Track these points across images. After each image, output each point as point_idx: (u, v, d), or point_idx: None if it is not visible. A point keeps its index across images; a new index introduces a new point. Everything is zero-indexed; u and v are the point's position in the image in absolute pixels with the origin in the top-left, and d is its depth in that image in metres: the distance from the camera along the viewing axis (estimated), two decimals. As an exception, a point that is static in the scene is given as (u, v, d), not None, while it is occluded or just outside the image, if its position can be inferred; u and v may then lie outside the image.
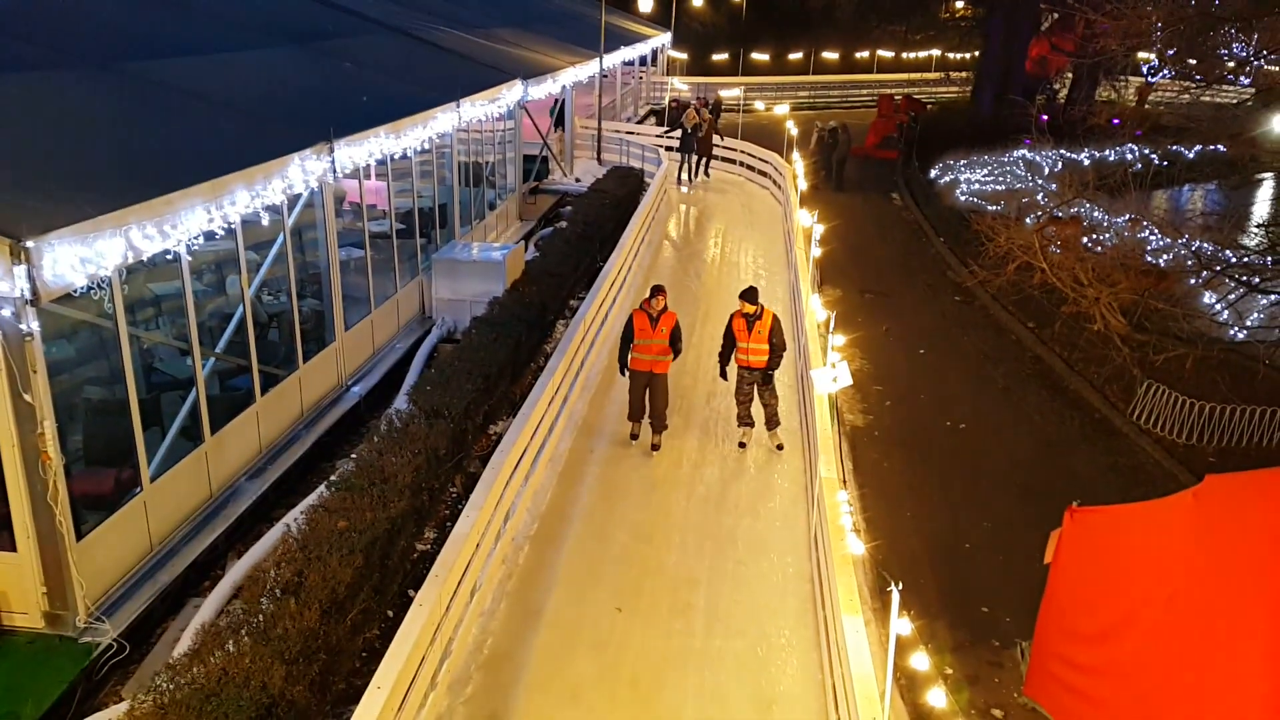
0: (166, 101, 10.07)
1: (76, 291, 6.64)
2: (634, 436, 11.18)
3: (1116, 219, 20.08)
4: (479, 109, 15.49)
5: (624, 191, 20.41)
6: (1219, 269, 16.08)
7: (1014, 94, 31.75)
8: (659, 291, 10.73)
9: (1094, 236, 19.15)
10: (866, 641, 6.47)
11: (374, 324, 12.49)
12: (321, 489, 8.16)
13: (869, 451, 12.94)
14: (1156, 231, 18.61)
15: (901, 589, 5.88)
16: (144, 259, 7.33)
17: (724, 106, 34.56)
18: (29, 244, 6.06)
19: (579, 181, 22.75)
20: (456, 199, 15.83)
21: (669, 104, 35.73)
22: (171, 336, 9.85)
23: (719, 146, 26.30)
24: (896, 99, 38.63)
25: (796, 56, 57.24)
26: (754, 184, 25.99)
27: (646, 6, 45.39)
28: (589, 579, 8.65)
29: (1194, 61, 22.94)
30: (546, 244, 16.39)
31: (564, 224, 17.71)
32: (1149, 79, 32.86)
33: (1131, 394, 14.39)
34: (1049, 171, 27.98)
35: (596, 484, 10.31)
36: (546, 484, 10.13)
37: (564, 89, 23.25)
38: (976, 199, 26.69)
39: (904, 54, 61.29)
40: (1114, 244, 18.24)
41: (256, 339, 9.57)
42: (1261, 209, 27.52)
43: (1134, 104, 31.88)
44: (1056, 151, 28.26)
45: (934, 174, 30.84)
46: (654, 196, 20.57)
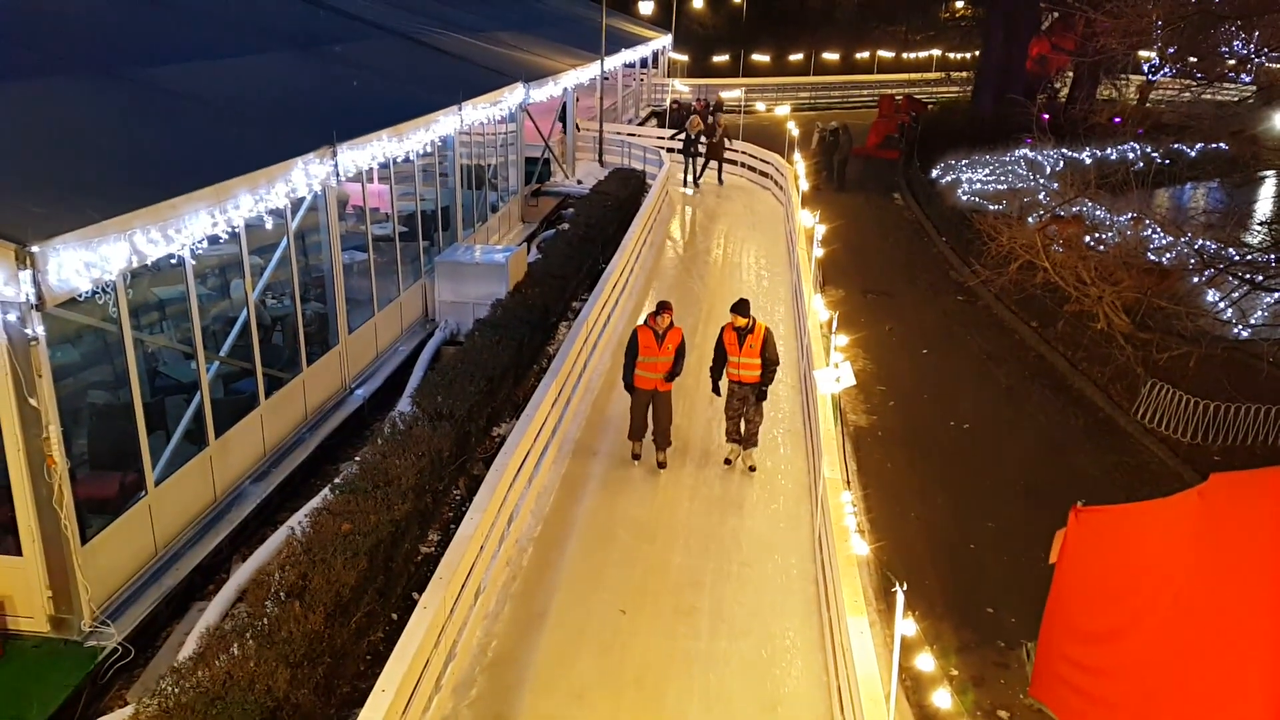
0: (169, 106, 10.09)
1: (81, 296, 6.67)
2: (636, 457, 10.76)
3: (1119, 217, 20.06)
4: (481, 112, 15.51)
5: (626, 193, 20.43)
6: (1222, 267, 16.07)
7: (1015, 93, 31.66)
8: (665, 308, 10.28)
9: (1096, 235, 19.11)
10: (871, 643, 6.47)
11: (377, 327, 12.50)
12: (325, 492, 8.19)
13: (873, 452, 12.92)
14: (1159, 230, 18.60)
15: (906, 590, 5.88)
16: (148, 263, 7.35)
17: (725, 108, 34.58)
18: (34, 249, 6.08)
19: (581, 183, 22.76)
20: (459, 201, 15.85)
21: (670, 106, 35.78)
22: (176, 340, 9.88)
23: (728, 150, 26.24)
24: (897, 99, 38.62)
25: (797, 57, 57.27)
26: (756, 185, 26.01)
27: (647, 9, 45.51)
28: (593, 581, 8.65)
29: (1195, 59, 22.95)
30: (549, 246, 16.40)
31: (566, 226, 17.73)
32: (1150, 77, 32.81)
33: (1135, 393, 14.37)
34: (1050, 170, 27.95)
35: (600, 486, 10.32)
36: (550, 486, 10.14)
37: (565, 91, 23.26)
38: (978, 198, 26.66)
39: (904, 54, 61.34)
40: (1116, 243, 18.20)
41: (260, 342, 9.60)
42: (1264, 206, 27.45)
43: (1135, 102, 31.79)
44: (1058, 150, 28.21)
45: (935, 174, 30.81)
46: (656, 198, 20.58)
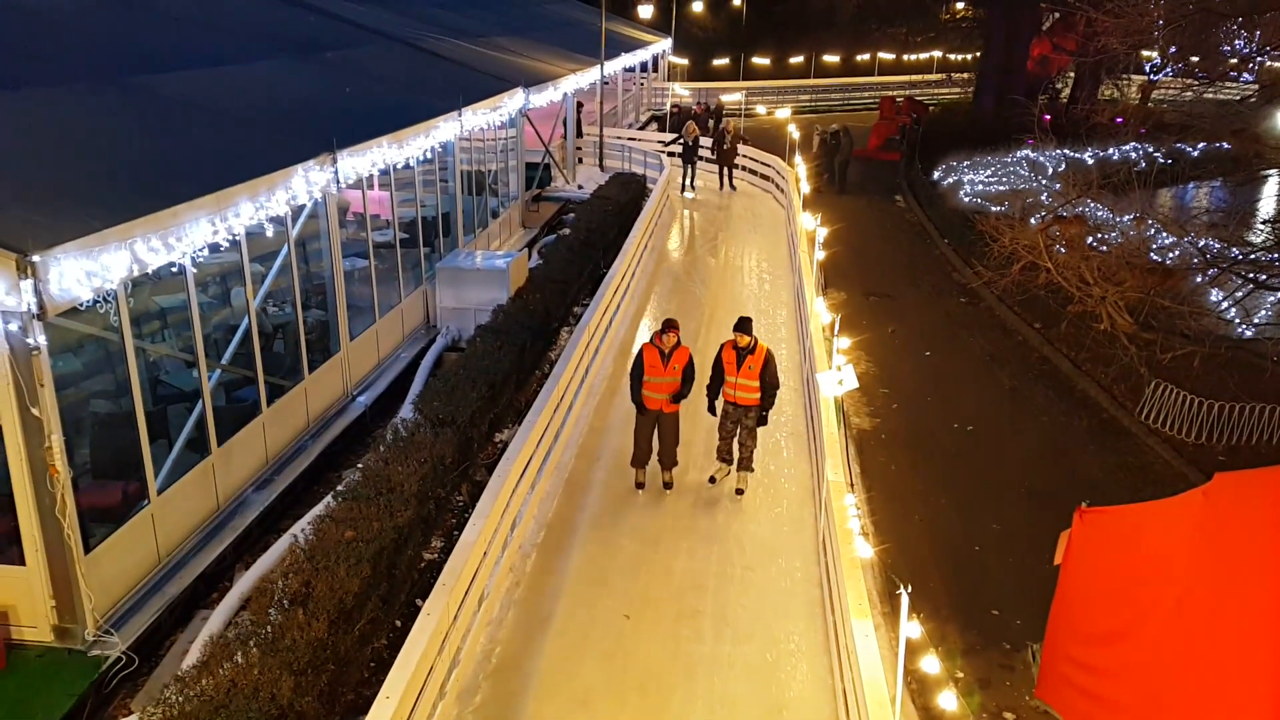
0: (170, 114, 10.10)
1: (83, 305, 6.67)
2: (639, 485, 10.22)
3: (1121, 218, 20.04)
4: (481, 117, 15.52)
5: (626, 198, 20.42)
6: (1225, 266, 16.04)
7: (1016, 94, 31.65)
8: (670, 326, 9.80)
9: (1099, 235, 19.08)
10: (876, 645, 6.45)
11: (379, 333, 12.50)
12: (328, 499, 8.18)
13: (876, 454, 12.90)
14: (1162, 229, 18.56)
15: (911, 592, 5.87)
16: (149, 272, 7.37)
17: (725, 111, 34.59)
18: (35, 258, 6.09)
19: (581, 188, 22.77)
20: (459, 207, 15.87)
21: (670, 110, 35.82)
22: (177, 349, 9.89)
23: (740, 156, 26.17)
24: (898, 101, 38.65)
25: (797, 60, 57.29)
26: (757, 188, 26.00)
27: (647, 13, 45.56)
28: (596, 586, 8.62)
29: (1196, 58, 22.91)
30: (550, 251, 16.39)
31: (567, 231, 17.73)
32: (1151, 77, 32.78)
33: (1139, 393, 14.33)
34: (1052, 171, 27.95)
35: (602, 490, 10.30)
36: (553, 491, 10.12)
37: (566, 97, 23.28)
38: (980, 200, 26.66)
39: (905, 56, 61.34)
40: (1119, 243, 18.16)
41: (262, 350, 9.60)
42: (1267, 205, 27.43)
43: (1137, 102, 31.77)
44: (1060, 151, 28.18)
45: (937, 175, 30.81)
46: (656, 202, 20.58)
